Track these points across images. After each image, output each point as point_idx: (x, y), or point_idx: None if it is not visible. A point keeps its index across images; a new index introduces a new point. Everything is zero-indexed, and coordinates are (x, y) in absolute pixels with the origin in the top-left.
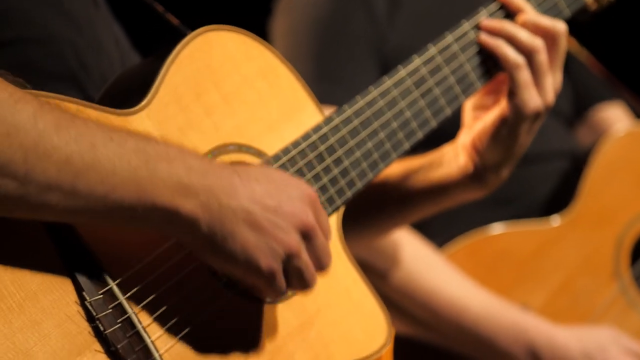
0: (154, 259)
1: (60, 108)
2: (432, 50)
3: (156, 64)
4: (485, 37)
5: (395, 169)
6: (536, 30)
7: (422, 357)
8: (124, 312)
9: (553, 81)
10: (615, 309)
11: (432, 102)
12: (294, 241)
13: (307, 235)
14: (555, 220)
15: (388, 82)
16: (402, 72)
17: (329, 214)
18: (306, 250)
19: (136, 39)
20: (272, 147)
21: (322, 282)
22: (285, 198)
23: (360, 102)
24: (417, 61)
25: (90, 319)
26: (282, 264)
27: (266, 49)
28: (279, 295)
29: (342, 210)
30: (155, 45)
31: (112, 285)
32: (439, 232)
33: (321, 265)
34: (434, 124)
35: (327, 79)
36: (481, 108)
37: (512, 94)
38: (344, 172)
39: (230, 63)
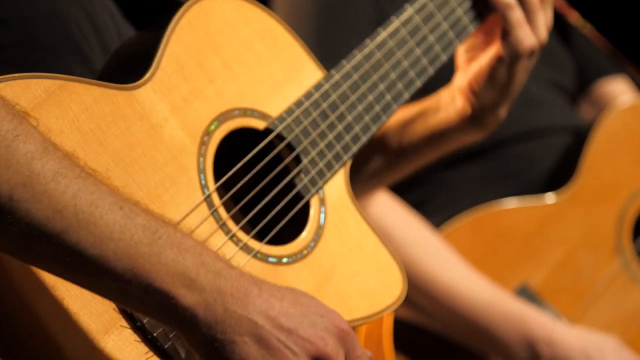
0: None
1: (73, 160)
2: None
3: (156, 34)
4: None
5: (393, 118)
6: None
7: (422, 342)
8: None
9: (545, 18)
10: (617, 284)
11: (427, 50)
12: None
13: None
14: (557, 196)
15: (383, 33)
16: (395, 22)
17: (337, 170)
18: None
19: (129, 9)
20: (276, 109)
21: (334, 238)
22: (306, 323)
23: (358, 56)
24: (409, 10)
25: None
26: None
27: (262, 10)
28: None
29: (348, 164)
30: (150, 15)
31: None
32: (441, 208)
33: None
34: (431, 71)
35: (328, 56)
36: (474, 50)
37: (506, 33)
38: (348, 127)
39: (228, 28)
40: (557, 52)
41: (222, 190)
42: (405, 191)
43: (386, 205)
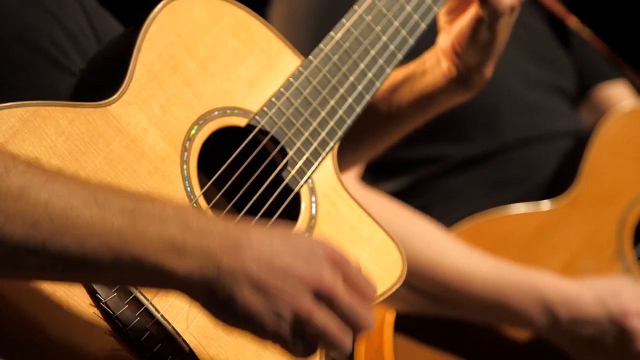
0: None
1: (37, 167)
2: None
3: (129, 40)
4: None
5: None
6: None
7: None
8: (141, 304)
9: None
10: None
11: (406, 20)
12: (304, 305)
13: (325, 298)
14: (557, 202)
15: (359, 10)
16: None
17: (323, 157)
18: (328, 312)
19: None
20: (256, 104)
21: (328, 226)
22: (299, 260)
23: (335, 37)
24: None
25: (109, 318)
26: (292, 329)
27: (232, 4)
28: (305, 356)
29: (335, 149)
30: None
31: None
32: (441, 216)
33: (354, 325)
34: (411, 42)
35: None
36: (455, 11)
37: None
38: (332, 112)
39: (199, 27)
40: (558, 55)
41: (214, 191)
42: (405, 199)
43: (373, 200)
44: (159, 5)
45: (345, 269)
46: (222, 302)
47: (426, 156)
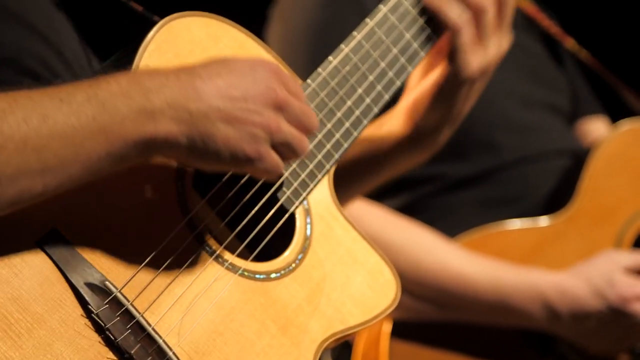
0: (153, 257)
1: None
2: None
3: (125, 61)
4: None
5: None
6: None
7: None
8: (132, 316)
9: (498, 43)
10: None
11: (405, 48)
12: (270, 119)
13: (281, 108)
14: (554, 218)
15: (358, 36)
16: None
17: (319, 179)
18: (287, 120)
19: (98, 32)
20: None
21: (322, 248)
22: (250, 82)
23: (334, 62)
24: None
25: (100, 329)
26: (268, 143)
27: (231, 26)
28: (278, 173)
29: (332, 172)
30: (121, 36)
31: (116, 292)
32: (441, 232)
33: (307, 127)
34: (410, 68)
35: None
36: (424, 69)
37: (453, 55)
38: (329, 136)
39: (198, 48)
40: (553, 75)
41: (208, 210)
42: (403, 216)
43: (370, 212)
44: (158, 25)
45: (285, 79)
46: (203, 145)
47: (425, 175)
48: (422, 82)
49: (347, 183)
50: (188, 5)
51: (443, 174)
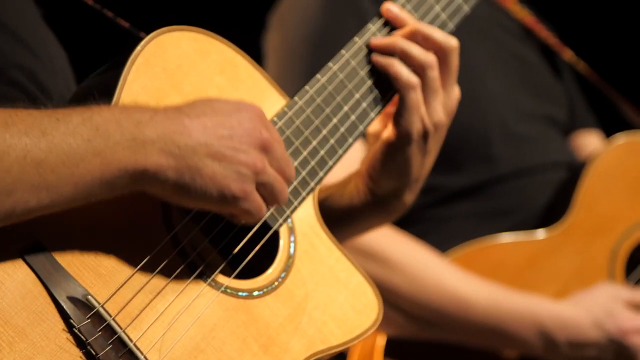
0: (137, 273)
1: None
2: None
3: (113, 74)
4: (377, 57)
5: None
6: (427, 45)
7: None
8: (114, 331)
9: (445, 99)
10: None
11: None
12: (257, 159)
13: (266, 150)
14: (549, 231)
15: (346, 55)
16: (310, 91)
17: (304, 196)
18: (270, 164)
19: (84, 46)
20: None
21: (306, 266)
22: (235, 123)
23: (321, 80)
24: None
25: (81, 344)
26: (253, 183)
27: (220, 42)
28: (260, 215)
29: (317, 191)
30: (108, 52)
31: (99, 307)
32: (434, 246)
33: (287, 175)
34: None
35: None
36: (376, 133)
37: (399, 115)
38: (314, 153)
39: (186, 63)
40: (550, 86)
41: (192, 227)
42: (400, 228)
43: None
44: (146, 39)
45: (268, 124)
46: (191, 180)
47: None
48: (373, 146)
49: None
50: (185, 16)
51: (438, 186)
